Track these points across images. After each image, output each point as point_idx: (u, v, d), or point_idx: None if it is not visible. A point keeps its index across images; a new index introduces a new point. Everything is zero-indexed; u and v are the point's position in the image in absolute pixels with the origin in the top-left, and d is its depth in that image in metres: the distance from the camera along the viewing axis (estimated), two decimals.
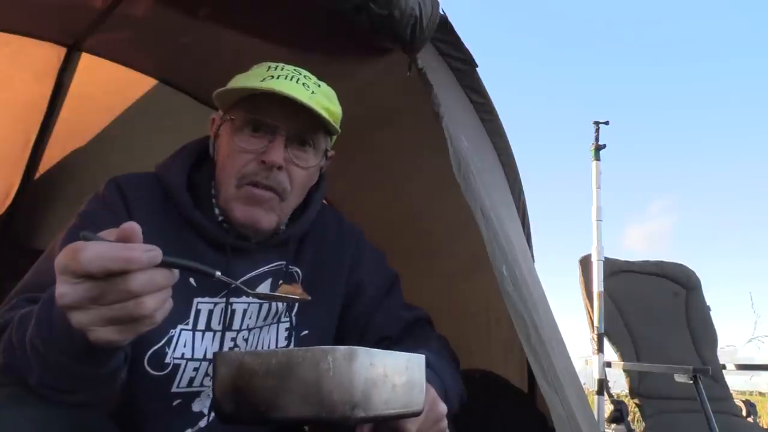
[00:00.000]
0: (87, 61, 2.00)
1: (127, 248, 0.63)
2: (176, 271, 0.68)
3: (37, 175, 2.22)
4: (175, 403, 1.01)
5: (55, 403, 0.76)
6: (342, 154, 1.17)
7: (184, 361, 1.00)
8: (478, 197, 1.27)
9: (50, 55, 1.96)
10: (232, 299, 1.04)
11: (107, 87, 2.07)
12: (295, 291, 0.91)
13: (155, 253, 0.64)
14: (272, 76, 1.02)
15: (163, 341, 0.99)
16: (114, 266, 0.62)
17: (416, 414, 0.81)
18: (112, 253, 0.62)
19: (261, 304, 1.07)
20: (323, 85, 1.08)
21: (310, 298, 0.91)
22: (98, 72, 2.01)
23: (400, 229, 1.95)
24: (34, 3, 1.70)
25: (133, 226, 0.65)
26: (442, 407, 0.91)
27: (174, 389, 1.00)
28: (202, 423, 1.03)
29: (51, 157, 2.20)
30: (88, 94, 2.09)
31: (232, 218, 1.03)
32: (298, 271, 1.13)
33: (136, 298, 0.63)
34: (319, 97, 1.03)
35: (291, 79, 1.02)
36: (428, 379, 0.86)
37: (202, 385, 1.02)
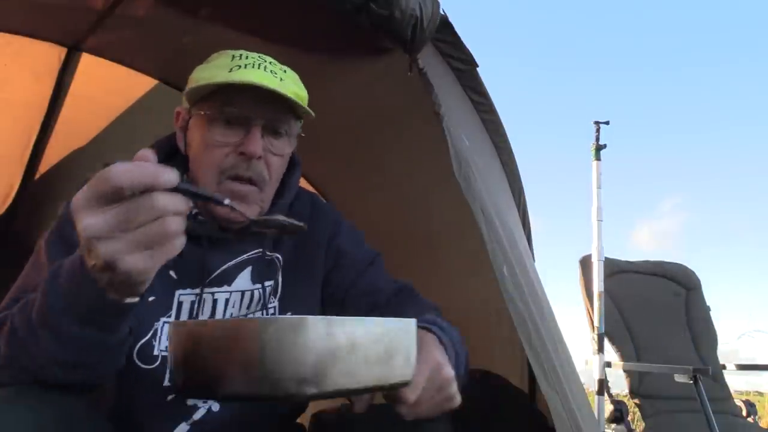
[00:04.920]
0: (87, 61, 1.99)
1: (152, 165, 0.64)
2: (189, 201, 0.68)
3: (37, 175, 2.22)
4: (169, 398, 1.01)
5: (58, 385, 0.76)
6: (342, 154, 1.17)
7: None
8: (478, 197, 1.27)
9: (51, 55, 1.96)
10: (213, 289, 1.04)
11: (108, 87, 2.07)
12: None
13: (176, 173, 0.64)
14: (239, 66, 1.00)
15: (150, 334, 0.99)
16: (144, 180, 0.62)
17: (403, 384, 0.74)
18: (141, 169, 0.62)
19: (243, 292, 1.07)
20: (288, 69, 1.07)
21: (303, 225, 0.81)
22: (99, 72, 2.01)
23: (400, 229, 1.95)
24: (34, 3, 1.70)
25: (147, 153, 0.65)
26: (447, 372, 0.83)
27: (166, 383, 1.00)
28: (197, 416, 1.03)
29: (51, 157, 2.20)
30: (89, 95, 2.09)
31: (214, 213, 1.02)
32: (279, 256, 1.12)
33: (161, 218, 0.63)
34: (288, 83, 1.03)
35: (258, 68, 1.01)
36: (440, 341, 0.84)
37: None
